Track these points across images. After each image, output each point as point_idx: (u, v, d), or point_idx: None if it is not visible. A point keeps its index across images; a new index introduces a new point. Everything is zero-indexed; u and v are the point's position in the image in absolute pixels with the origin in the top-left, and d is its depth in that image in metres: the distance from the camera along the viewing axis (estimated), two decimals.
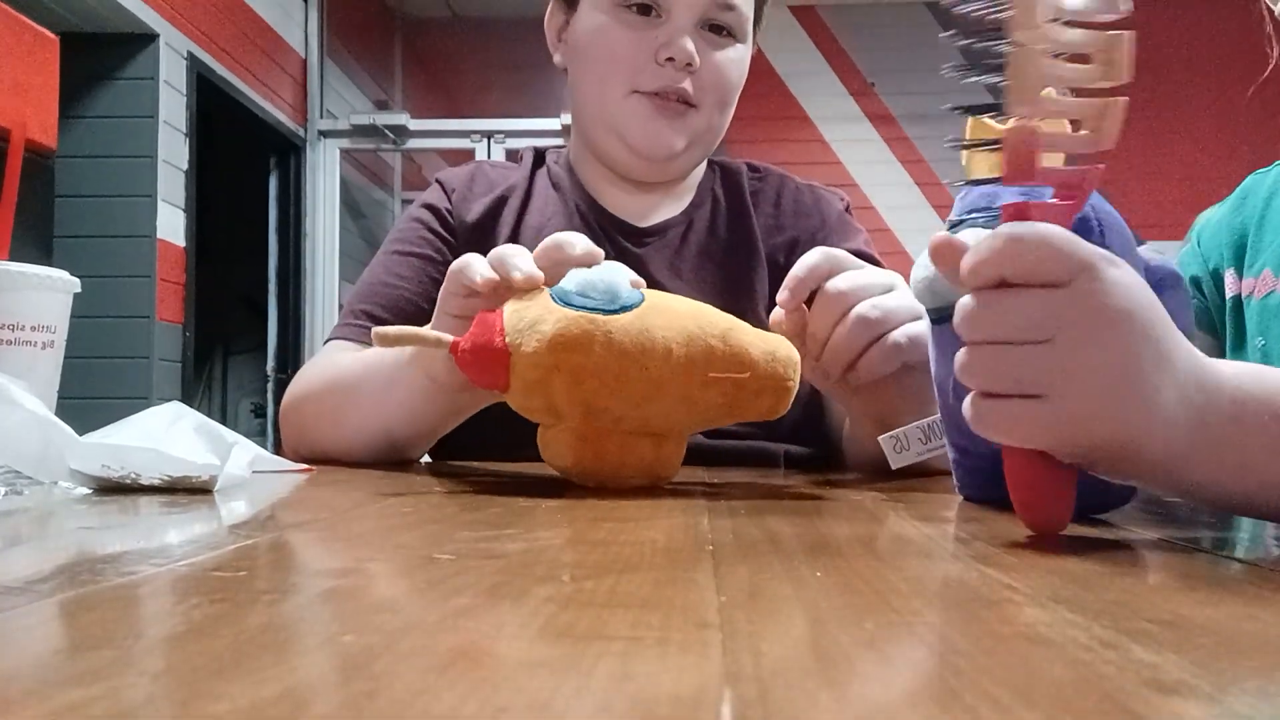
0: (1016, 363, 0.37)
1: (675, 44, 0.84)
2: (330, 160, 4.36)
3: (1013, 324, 0.37)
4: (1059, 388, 0.37)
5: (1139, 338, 0.37)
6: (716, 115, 0.90)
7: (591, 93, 0.90)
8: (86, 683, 0.19)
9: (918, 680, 0.20)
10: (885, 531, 0.43)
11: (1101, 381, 0.37)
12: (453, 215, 0.92)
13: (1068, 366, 0.37)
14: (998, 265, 0.38)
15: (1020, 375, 0.37)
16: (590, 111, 0.91)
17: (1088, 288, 0.37)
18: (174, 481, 0.52)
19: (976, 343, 0.38)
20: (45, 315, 0.66)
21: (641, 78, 0.86)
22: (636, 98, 0.87)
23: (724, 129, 0.93)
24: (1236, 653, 0.23)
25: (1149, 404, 0.37)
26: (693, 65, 0.85)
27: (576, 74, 0.91)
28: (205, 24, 3.44)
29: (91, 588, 0.28)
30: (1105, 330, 0.37)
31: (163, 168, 3.17)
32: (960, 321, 0.39)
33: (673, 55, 0.85)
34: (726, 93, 0.89)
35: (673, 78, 0.86)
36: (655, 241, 0.92)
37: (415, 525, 0.44)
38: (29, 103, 1.19)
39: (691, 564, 0.32)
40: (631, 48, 0.86)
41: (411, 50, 5.38)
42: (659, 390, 0.54)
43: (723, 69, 0.88)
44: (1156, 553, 0.38)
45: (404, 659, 0.20)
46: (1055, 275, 0.37)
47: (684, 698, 0.18)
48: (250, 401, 4.73)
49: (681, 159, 0.90)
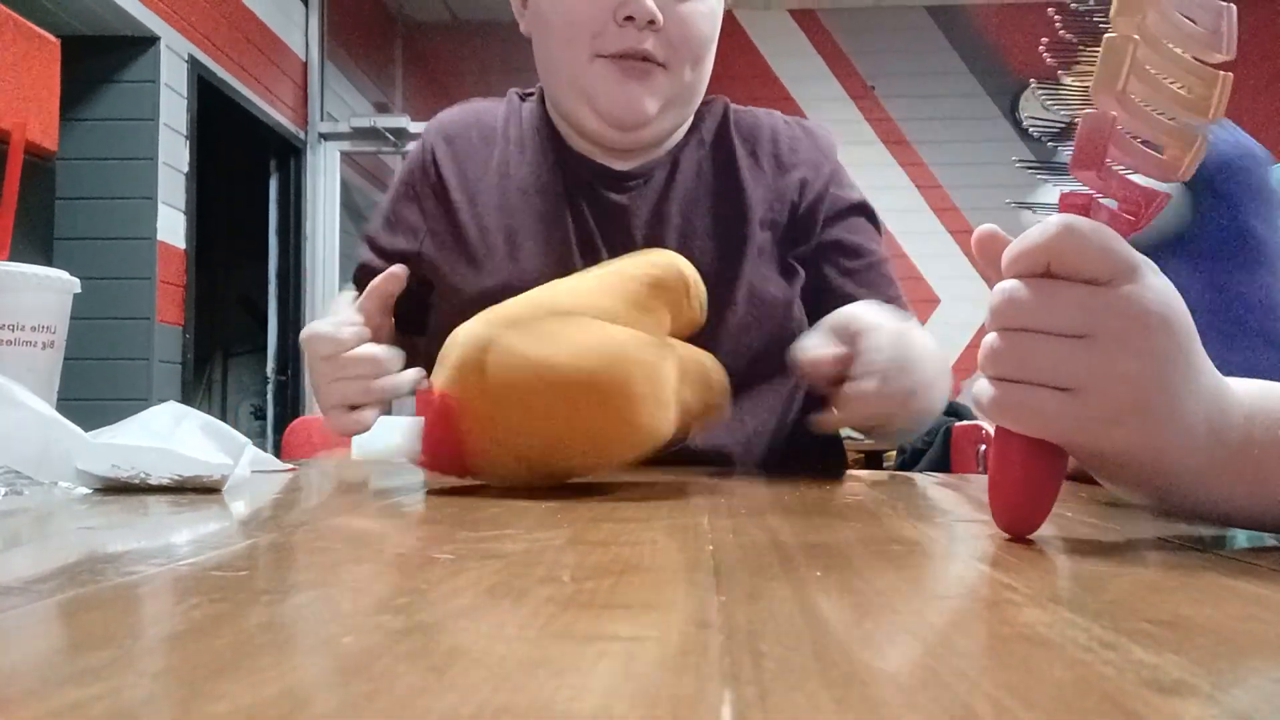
0: (1051, 354, 0.37)
1: (634, 2, 0.81)
2: (330, 163, 4.35)
3: (1053, 315, 0.37)
4: (1090, 385, 0.37)
5: (1173, 348, 0.37)
6: (689, 72, 0.86)
7: (556, 59, 0.86)
8: (86, 682, 0.19)
9: (918, 680, 0.20)
10: (885, 531, 0.43)
11: (1132, 386, 0.37)
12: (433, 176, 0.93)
13: (1101, 365, 0.36)
14: (1046, 252, 0.37)
15: (1053, 367, 0.37)
16: (558, 79, 0.88)
17: (1130, 290, 0.37)
18: (184, 481, 0.52)
19: (1011, 329, 0.38)
20: (45, 316, 0.66)
21: (602, 40, 0.83)
22: (601, 62, 0.83)
23: (701, 86, 0.89)
24: (1236, 653, 0.23)
25: (1173, 415, 0.37)
26: (656, 23, 0.81)
27: (540, 41, 0.88)
28: (206, 27, 3.44)
29: (91, 587, 0.28)
30: (1142, 335, 0.36)
31: (163, 170, 3.17)
32: (998, 306, 0.38)
33: (632, 14, 0.81)
34: (697, 48, 0.85)
35: (636, 38, 0.82)
36: (638, 186, 0.89)
37: (415, 525, 0.44)
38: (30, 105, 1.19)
39: (691, 564, 0.32)
40: (590, 8, 0.82)
41: (412, 53, 5.38)
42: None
43: (690, 23, 0.84)
44: (1156, 553, 0.38)
45: (404, 659, 0.20)
46: (1100, 273, 0.37)
47: (684, 698, 0.18)
48: (250, 403, 4.73)
49: (656, 123, 0.86)
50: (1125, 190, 0.39)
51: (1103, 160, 0.37)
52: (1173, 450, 0.38)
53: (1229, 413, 0.39)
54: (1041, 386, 0.37)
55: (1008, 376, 0.38)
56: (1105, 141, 0.37)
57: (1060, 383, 0.37)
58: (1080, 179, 0.38)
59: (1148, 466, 0.38)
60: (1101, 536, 0.43)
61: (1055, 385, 0.37)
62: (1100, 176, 0.38)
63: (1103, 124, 0.37)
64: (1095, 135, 0.37)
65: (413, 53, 5.39)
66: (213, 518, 0.45)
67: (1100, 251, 0.37)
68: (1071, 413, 0.37)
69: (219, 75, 3.53)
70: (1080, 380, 0.37)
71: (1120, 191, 0.39)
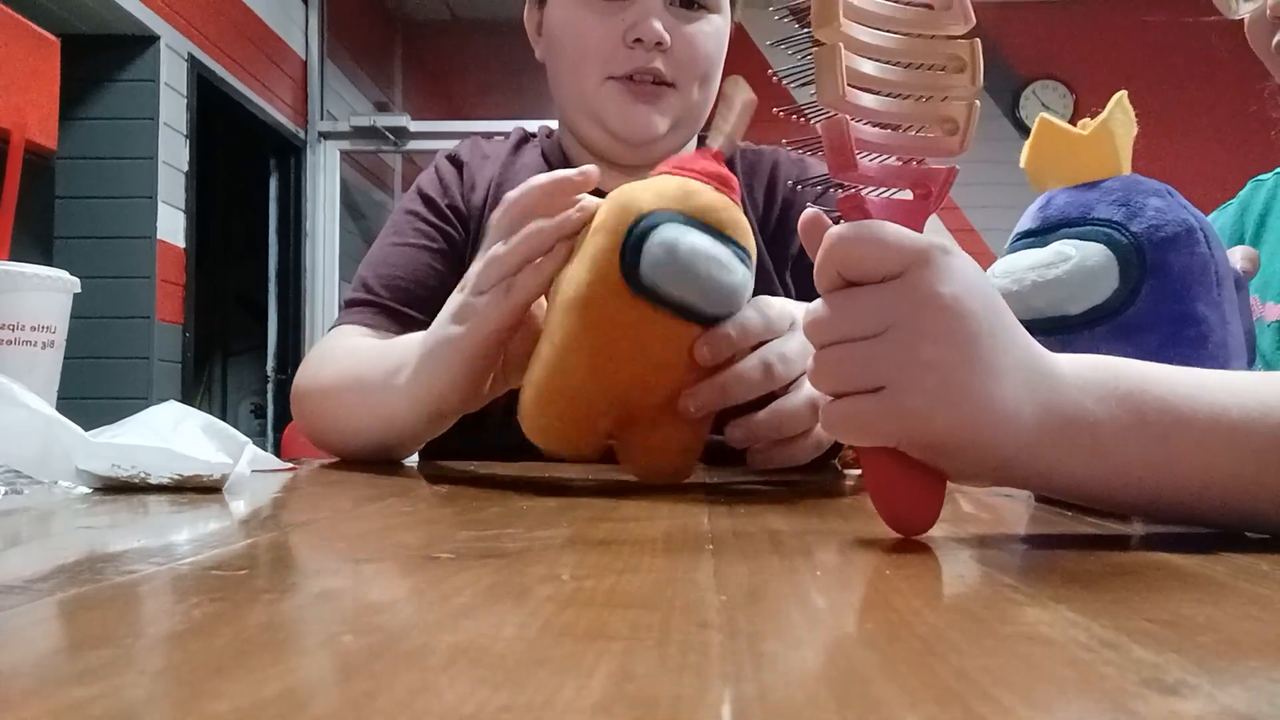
0: (854, 358, 0.37)
1: (643, 25, 0.83)
2: (330, 162, 4.36)
3: (850, 321, 0.37)
4: (896, 379, 0.36)
5: (975, 327, 0.37)
6: (697, 92, 0.88)
7: (568, 83, 0.89)
8: (86, 681, 0.19)
9: (917, 680, 0.20)
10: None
11: (938, 372, 0.36)
12: (454, 204, 0.92)
13: (901, 358, 0.36)
14: (830, 267, 0.38)
15: (860, 370, 0.37)
16: (570, 102, 0.91)
17: (918, 277, 0.36)
18: (184, 480, 0.52)
19: (822, 347, 0.38)
20: (45, 315, 0.66)
21: (613, 63, 0.85)
22: (611, 84, 0.86)
23: (709, 105, 0.91)
24: (1236, 653, 0.23)
25: (989, 394, 0.36)
26: (664, 44, 0.84)
27: (554, 66, 0.91)
28: (206, 26, 3.44)
29: (91, 587, 0.28)
30: (937, 319, 0.36)
31: (163, 169, 3.17)
32: (806, 327, 0.39)
33: (641, 36, 0.84)
34: (705, 68, 0.88)
35: (644, 59, 0.85)
36: None
37: (415, 525, 0.44)
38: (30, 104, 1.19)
39: (691, 564, 0.32)
40: (600, 33, 0.85)
41: (412, 52, 5.38)
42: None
43: (697, 43, 0.86)
44: (1156, 553, 0.38)
45: (404, 659, 0.20)
46: (886, 269, 0.37)
47: (684, 698, 0.18)
48: (250, 402, 4.73)
49: (666, 140, 0.89)
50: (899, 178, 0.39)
51: (853, 161, 0.38)
52: (996, 431, 0.37)
53: (1059, 387, 0.38)
54: (857, 394, 0.37)
55: (831, 392, 0.38)
56: (848, 144, 0.37)
57: (870, 384, 0.37)
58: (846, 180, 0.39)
59: (976, 450, 0.37)
60: (1101, 536, 0.43)
61: (867, 388, 0.37)
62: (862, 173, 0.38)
63: (838, 128, 0.38)
64: (836, 140, 0.38)
65: (413, 51, 5.39)
66: (213, 517, 0.45)
67: (875, 248, 0.37)
68: (883, 412, 0.37)
69: (219, 74, 3.53)
70: (886, 376, 0.36)
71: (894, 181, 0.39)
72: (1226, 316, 0.51)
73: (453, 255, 0.90)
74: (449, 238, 0.90)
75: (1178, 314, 0.50)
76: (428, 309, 0.86)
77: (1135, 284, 0.50)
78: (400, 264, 0.88)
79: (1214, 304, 0.51)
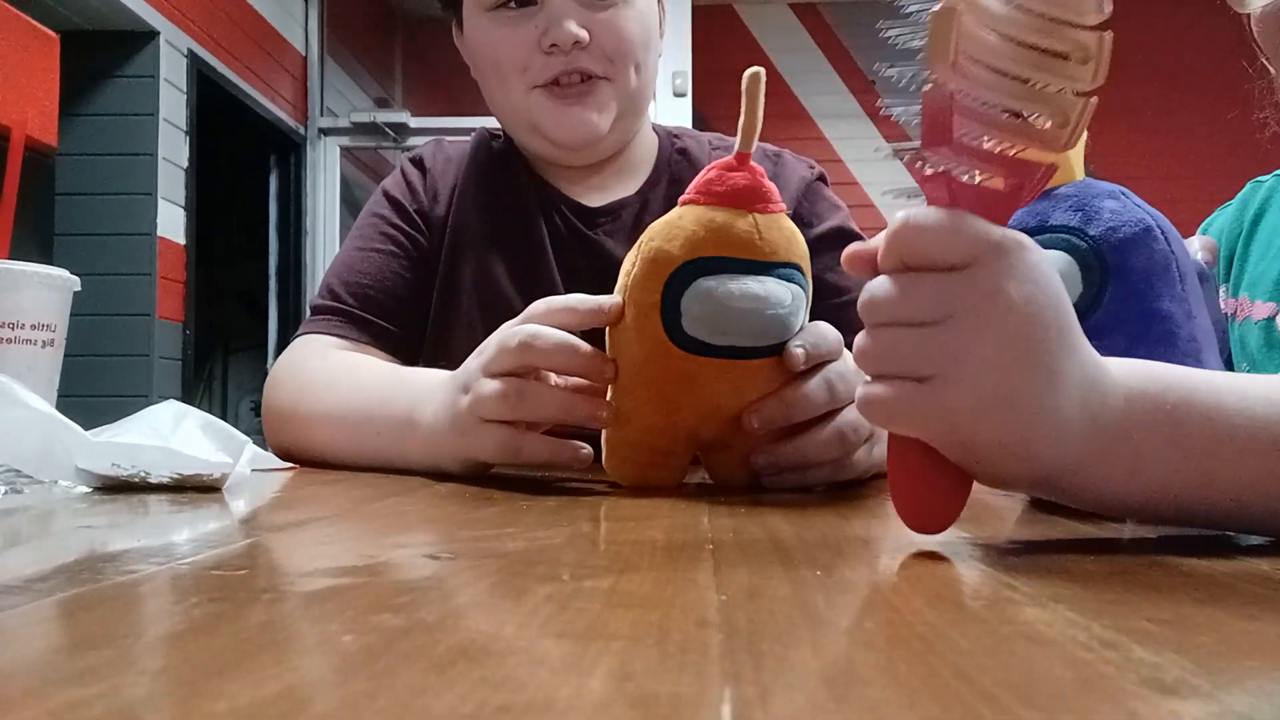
0: (907, 343, 0.35)
1: (554, 30, 0.81)
2: (331, 158, 4.35)
3: (910, 303, 0.35)
4: (948, 372, 0.35)
5: (1038, 327, 0.35)
6: (633, 77, 0.85)
7: (499, 99, 0.87)
8: (86, 681, 0.19)
9: (918, 680, 0.20)
10: (885, 531, 0.43)
11: (995, 371, 0.34)
12: (421, 209, 0.90)
13: (957, 350, 0.34)
14: (895, 250, 0.36)
15: (910, 356, 0.35)
16: (506, 117, 0.89)
17: (986, 270, 0.35)
18: (184, 480, 0.52)
19: (874, 326, 0.37)
20: (45, 313, 0.66)
21: (532, 72, 0.83)
22: (538, 93, 0.83)
23: (649, 87, 0.88)
24: (1236, 653, 0.23)
25: (1043, 404, 0.35)
26: (581, 42, 0.81)
27: (482, 83, 0.89)
28: (206, 22, 3.43)
29: (91, 586, 0.28)
30: (1005, 318, 0.34)
31: (163, 165, 3.17)
32: (862, 304, 0.37)
33: (556, 41, 0.81)
34: (633, 53, 0.84)
35: (565, 62, 0.82)
36: (608, 223, 0.89)
37: (415, 525, 0.44)
38: (29, 101, 1.19)
39: (691, 564, 0.32)
40: (514, 45, 0.83)
41: (412, 48, 5.37)
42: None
43: (618, 29, 0.83)
44: (1156, 553, 0.38)
45: (404, 659, 0.20)
46: (952, 258, 0.35)
47: (684, 697, 0.18)
48: (251, 399, 4.73)
49: (612, 134, 0.86)
50: (993, 165, 0.37)
51: (950, 136, 0.35)
52: (1043, 441, 0.35)
53: (1108, 400, 0.36)
54: (903, 379, 0.35)
55: (875, 373, 0.37)
56: (948, 115, 0.35)
57: (918, 372, 0.35)
58: (937, 157, 0.36)
59: (1016, 459, 0.36)
60: (1101, 536, 0.43)
61: (914, 376, 0.35)
62: (955, 152, 0.36)
63: (941, 98, 0.35)
64: (937, 111, 0.35)
65: (413, 48, 5.38)
66: (213, 516, 0.45)
67: (946, 236, 0.35)
68: (930, 402, 0.35)
69: (219, 70, 3.52)
70: (938, 366, 0.35)
71: (988, 166, 0.37)
72: (1193, 310, 0.51)
73: (419, 260, 0.88)
74: (415, 243, 0.89)
75: (1144, 313, 0.50)
76: (394, 316, 0.86)
77: (1099, 287, 0.50)
78: (368, 270, 0.87)
79: (1179, 299, 0.51)
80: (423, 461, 0.65)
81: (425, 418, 0.64)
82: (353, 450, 0.72)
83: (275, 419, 0.81)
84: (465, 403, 0.59)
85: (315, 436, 0.75)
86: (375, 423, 0.69)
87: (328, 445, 0.74)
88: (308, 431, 0.76)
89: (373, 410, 0.70)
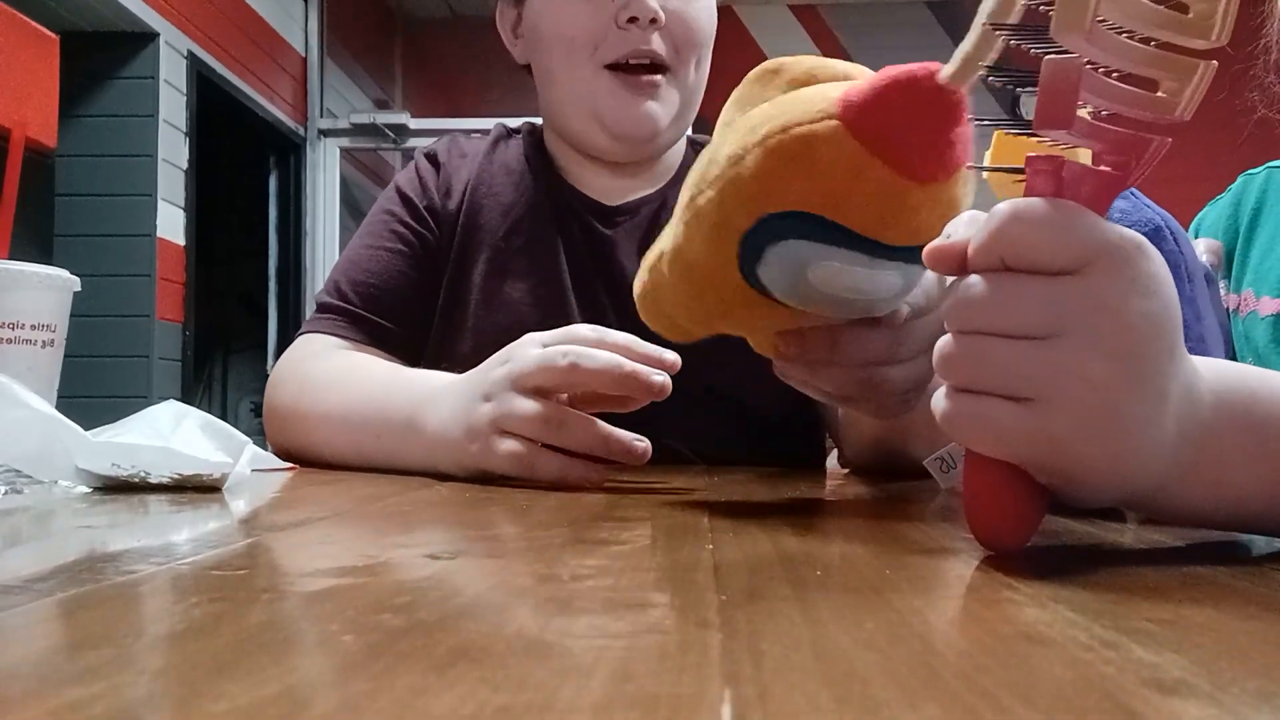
0: (1007, 359, 0.32)
1: (637, 2, 0.80)
2: (330, 159, 4.36)
3: (1011, 314, 0.32)
4: (1052, 394, 0.31)
5: (1153, 346, 0.31)
6: (693, 74, 0.85)
7: (559, 78, 0.85)
8: (86, 681, 0.19)
9: (918, 680, 0.20)
10: (885, 531, 0.43)
11: (1100, 393, 0.31)
12: (432, 205, 0.90)
13: (1066, 370, 0.31)
14: (995, 248, 0.32)
15: (1009, 374, 0.32)
16: (562, 98, 0.86)
17: (1102, 280, 0.31)
18: (184, 480, 0.52)
19: (965, 333, 0.33)
20: (45, 314, 0.66)
21: (606, 46, 0.82)
22: (608, 76, 0.82)
23: (700, 91, 0.88)
24: (1236, 653, 0.23)
25: (1146, 423, 0.32)
26: (658, 20, 0.80)
27: (540, 62, 0.87)
28: (205, 23, 3.44)
29: (91, 586, 0.28)
30: (1118, 332, 0.31)
31: (163, 167, 3.17)
32: (951, 305, 0.33)
33: (635, 14, 0.80)
34: (700, 45, 0.84)
35: (639, 39, 0.81)
36: (625, 222, 0.89)
37: (415, 525, 0.44)
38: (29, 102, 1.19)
39: (691, 564, 0.32)
40: (589, 16, 0.82)
41: (412, 49, 5.38)
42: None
43: (691, 19, 0.83)
44: (1157, 553, 0.38)
45: (404, 659, 0.20)
46: (1064, 261, 0.31)
47: (684, 698, 0.18)
48: (250, 400, 4.73)
49: (667, 133, 0.86)
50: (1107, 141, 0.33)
51: (1073, 116, 0.31)
52: (1141, 465, 0.33)
53: (1197, 411, 0.34)
54: (997, 397, 0.32)
55: (961, 385, 0.33)
56: (1074, 93, 0.31)
57: (1017, 392, 0.32)
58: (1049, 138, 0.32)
59: (1111, 485, 0.33)
60: (1102, 536, 0.43)
61: (1012, 395, 0.32)
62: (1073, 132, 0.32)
63: (1069, 73, 0.30)
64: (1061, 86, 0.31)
65: (412, 49, 5.39)
66: (213, 516, 0.45)
67: (1059, 237, 0.31)
68: (1026, 427, 0.32)
69: (218, 72, 3.53)
70: (1040, 388, 0.31)
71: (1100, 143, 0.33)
72: (1201, 312, 0.51)
73: (427, 259, 0.88)
74: (425, 241, 0.88)
75: None
76: (399, 317, 0.86)
77: None
78: (375, 270, 0.86)
79: (1187, 300, 0.50)
80: (423, 464, 0.65)
81: (431, 422, 0.64)
82: (352, 451, 0.72)
83: (276, 418, 0.81)
84: (487, 412, 0.58)
85: (315, 437, 0.75)
86: (375, 425, 0.69)
87: (327, 446, 0.74)
88: (308, 431, 0.76)
89: (373, 412, 0.70)
